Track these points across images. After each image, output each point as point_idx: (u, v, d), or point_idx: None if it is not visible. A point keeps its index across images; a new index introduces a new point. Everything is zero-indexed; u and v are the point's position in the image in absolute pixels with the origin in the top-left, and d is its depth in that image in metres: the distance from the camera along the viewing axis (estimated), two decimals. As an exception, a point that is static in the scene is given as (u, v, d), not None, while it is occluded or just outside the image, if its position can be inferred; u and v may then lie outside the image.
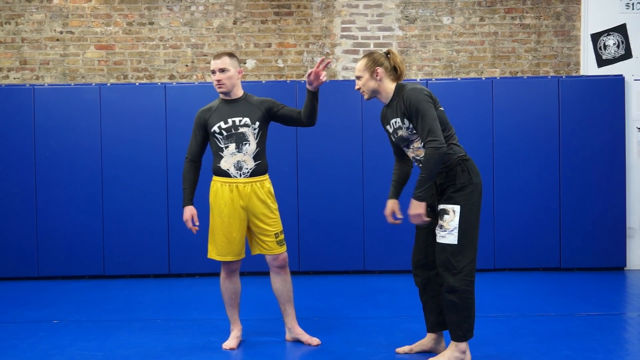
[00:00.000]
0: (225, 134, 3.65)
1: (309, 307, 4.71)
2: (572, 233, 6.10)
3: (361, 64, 3.40)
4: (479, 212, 3.29)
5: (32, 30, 6.43)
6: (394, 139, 3.45)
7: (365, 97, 3.45)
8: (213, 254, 3.74)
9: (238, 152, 3.64)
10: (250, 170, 3.67)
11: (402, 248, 6.07)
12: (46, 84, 6.19)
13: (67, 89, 6.11)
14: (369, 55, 3.42)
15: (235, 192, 3.65)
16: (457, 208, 3.23)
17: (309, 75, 3.61)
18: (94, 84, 6.15)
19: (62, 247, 6.04)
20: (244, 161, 3.65)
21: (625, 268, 6.20)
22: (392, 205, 3.51)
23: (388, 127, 3.45)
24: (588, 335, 3.89)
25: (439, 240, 3.27)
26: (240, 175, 3.66)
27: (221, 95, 3.76)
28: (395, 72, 3.39)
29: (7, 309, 4.89)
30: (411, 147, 3.37)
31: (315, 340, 3.76)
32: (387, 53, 3.43)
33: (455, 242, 3.22)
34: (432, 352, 3.55)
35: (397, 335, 3.94)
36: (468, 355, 3.30)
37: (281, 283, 3.77)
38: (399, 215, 3.51)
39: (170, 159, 6.06)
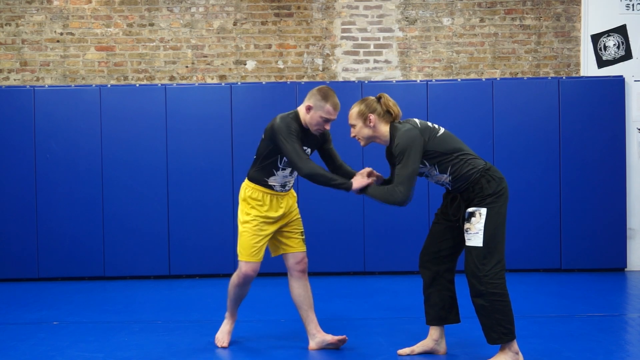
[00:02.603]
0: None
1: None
2: (572, 234, 6.10)
3: (353, 112, 3.42)
4: (505, 217, 3.31)
5: (33, 32, 6.43)
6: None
7: (362, 144, 3.46)
8: (244, 255, 3.66)
9: (290, 175, 3.68)
10: (290, 187, 3.77)
11: (402, 249, 6.08)
12: (46, 86, 6.20)
13: (68, 91, 6.11)
14: (361, 102, 3.42)
15: (274, 201, 3.68)
16: (483, 210, 3.25)
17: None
18: (94, 86, 6.15)
19: (63, 248, 6.04)
20: (289, 181, 3.71)
21: (625, 269, 6.20)
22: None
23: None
24: (589, 336, 3.88)
25: (466, 243, 3.30)
26: (282, 190, 3.70)
27: (301, 121, 3.56)
28: (390, 115, 3.40)
29: (7, 311, 4.89)
30: (430, 176, 3.41)
31: (341, 337, 3.69)
32: (379, 98, 3.43)
33: (481, 245, 3.23)
34: (434, 352, 3.55)
35: (397, 336, 3.93)
36: (520, 356, 3.31)
37: (303, 288, 3.70)
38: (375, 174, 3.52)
39: (170, 160, 6.07)
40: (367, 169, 3.55)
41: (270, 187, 3.66)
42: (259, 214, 3.64)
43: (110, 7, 6.43)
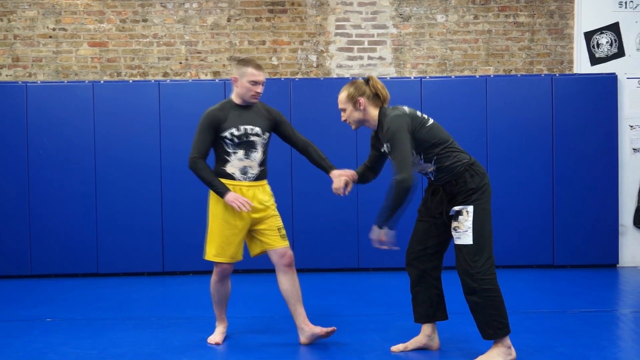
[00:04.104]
0: (236, 141, 3.63)
1: (304, 305, 4.70)
2: (565, 230, 6.13)
3: (343, 95, 3.41)
4: (490, 213, 3.32)
5: (25, 27, 6.40)
6: (389, 160, 3.48)
7: (353, 127, 3.48)
8: (211, 255, 3.71)
9: (246, 158, 3.65)
10: (255, 176, 3.69)
11: (397, 246, 6.08)
12: (39, 82, 6.17)
13: (60, 87, 6.09)
14: (350, 85, 3.42)
15: (238, 194, 3.64)
16: (470, 208, 3.26)
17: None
18: (87, 82, 6.12)
19: (56, 245, 6.02)
20: (250, 167, 3.67)
21: (617, 265, 6.24)
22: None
23: (383, 149, 3.46)
24: (581, 332, 3.91)
25: (455, 242, 3.30)
26: (245, 179, 3.66)
27: (236, 100, 3.69)
28: (378, 98, 3.39)
29: (1, 308, 4.87)
30: (414, 165, 3.38)
31: (330, 328, 3.70)
32: (367, 80, 3.43)
33: (471, 242, 3.24)
34: (427, 348, 3.57)
35: (391, 332, 3.95)
36: (513, 350, 3.32)
37: (290, 283, 3.71)
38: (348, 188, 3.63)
39: (164, 156, 6.05)
40: (346, 177, 3.58)
41: (231, 177, 3.64)
42: (220, 214, 3.63)
43: (103, 2, 6.40)
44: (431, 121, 3.37)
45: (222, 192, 3.56)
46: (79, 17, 6.41)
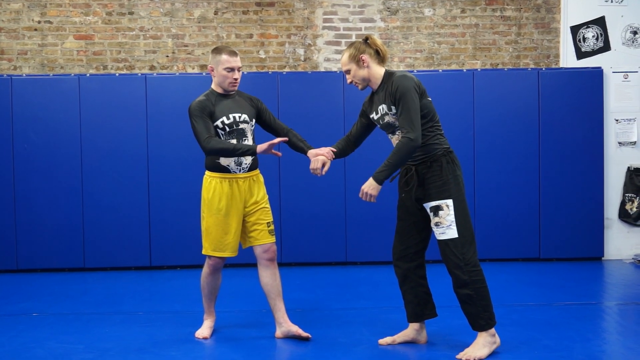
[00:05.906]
0: (227, 129, 3.62)
1: (291, 299, 4.71)
2: (551, 224, 6.17)
3: (345, 56, 3.43)
4: (467, 204, 3.35)
5: (10, 20, 6.32)
6: (379, 126, 3.48)
7: (360, 87, 3.47)
8: (209, 250, 3.70)
9: None
10: (249, 166, 3.68)
11: (384, 240, 6.10)
12: (24, 75, 6.10)
13: (46, 80, 6.03)
14: (350, 46, 3.45)
15: (235, 187, 3.64)
16: (450, 202, 3.27)
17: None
18: (73, 75, 6.07)
19: (42, 239, 5.97)
20: (243, 157, 3.64)
21: (602, 258, 6.29)
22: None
23: (373, 114, 3.46)
24: (567, 324, 3.94)
25: (440, 237, 3.30)
26: (240, 171, 3.65)
27: (218, 90, 3.69)
28: (379, 55, 3.42)
29: (-14, 303, 4.84)
30: (397, 133, 3.38)
31: (306, 333, 3.73)
32: (366, 39, 3.45)
33: (457, 235, 3.26)
34: (415, 342, 3.58)
35: (378, 326, 3.96)
36: (497, 338, 3.35)
37: (271, 277, 3.71)
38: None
39: (151, 151, 6.02)
40: (323, 156, 3.56)
41: (227, 169, 3.63)
42: (215, 209, 3.63)
43: (89, -5, 6.34)
44: (430, 98, 3.40)
45: (251, 149, 3.51)
46: (65, 10, 6.35)
